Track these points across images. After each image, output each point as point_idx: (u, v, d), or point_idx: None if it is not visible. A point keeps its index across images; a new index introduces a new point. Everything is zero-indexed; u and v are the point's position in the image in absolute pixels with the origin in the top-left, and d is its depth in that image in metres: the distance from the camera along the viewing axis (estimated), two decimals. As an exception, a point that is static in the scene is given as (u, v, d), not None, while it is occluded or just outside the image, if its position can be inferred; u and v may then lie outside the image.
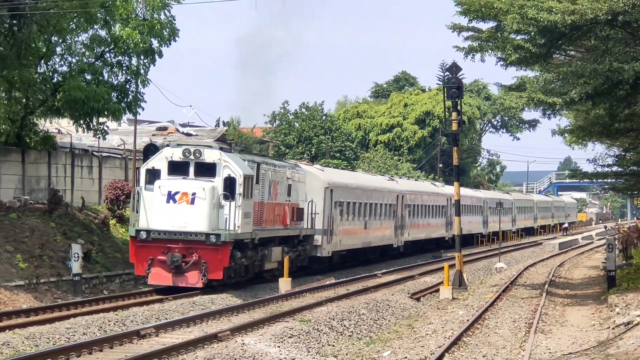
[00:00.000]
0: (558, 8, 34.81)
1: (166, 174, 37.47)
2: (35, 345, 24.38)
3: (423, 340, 28.58)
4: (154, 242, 36.65)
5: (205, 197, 36.72)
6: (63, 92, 42.71)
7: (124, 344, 24.83)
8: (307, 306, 34.03)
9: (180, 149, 38.03)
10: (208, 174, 37.64)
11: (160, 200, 36.71)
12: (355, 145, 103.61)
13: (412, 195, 69.53)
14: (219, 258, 36.58)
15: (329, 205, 50.59)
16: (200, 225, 36.61)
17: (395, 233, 65.02)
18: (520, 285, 49.10)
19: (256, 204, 39.88)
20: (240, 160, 38.31)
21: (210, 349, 24.20)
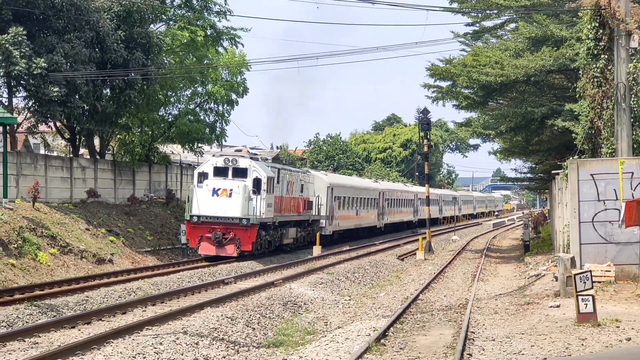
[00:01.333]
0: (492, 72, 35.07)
1: (212, 175, 36.92)
2: (157, 289, 24.15)
3: (406, 285, 28.96)
4: (203, 224, 35.83)
5: (239, 192, 35.79)
6: (175, 127, 43.80)
7: (214, 288, 25.30)
8: (331, 264, 34.63)
9: (222, 158, 37.41)
10: (242, 176, 36.75)
11: (207, 194, 36.01)
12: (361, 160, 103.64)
13: (389, 192, 68.48)
14: (249, 235, 35.79)
15: (330, 199, 50.19)
16: (236, 212, 35.73)
17: (378, 218, 64.26)
18: (468, 250, 48.94)
19: (277, 197, 39.38)
20: (265, 166, 38.11)
21: (270, 291, 24.76)
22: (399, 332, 19.49)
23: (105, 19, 38.60)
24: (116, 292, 24.75)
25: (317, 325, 21.77)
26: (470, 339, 17.86)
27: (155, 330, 18.44)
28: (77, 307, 21.84)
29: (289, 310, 24.07)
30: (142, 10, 40.58)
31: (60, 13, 37.41)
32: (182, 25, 46.83)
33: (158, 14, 44.97)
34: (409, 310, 23.21)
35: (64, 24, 37.75)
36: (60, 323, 18.67)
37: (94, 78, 38.41)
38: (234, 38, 50.77)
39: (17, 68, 35.18)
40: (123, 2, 40.02)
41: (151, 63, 40.95)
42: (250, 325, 20.62)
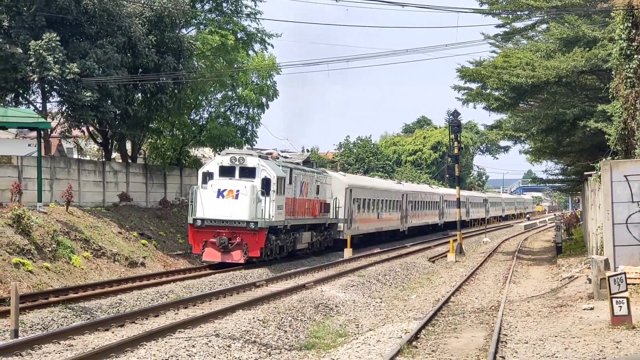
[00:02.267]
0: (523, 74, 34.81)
1: (217, 175, 34.38)
2: (189, 292, 24.21)
3: (437, 288, 28.86)
4: (207, 228, 33.27)
5: (247, 194, 33.21)
6: (206, 131, 43.88)
7: (246, 291, 25.34)
8: (362, 266, 34.64)
9: (229, 157, 34.70)
10: (249, 176, 34.19)
11: (212, 196, 33.41)
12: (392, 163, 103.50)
13: (413, 194, 65.56)
14: (257, 240, 33.27)
15: (349, 201, 47.10)
16: (242, 215, 33.14)
17: (401, 221, 60.94)
18: (499, 252, 48.72)
19: (288, 199, 36.79)
20: (275, 166, 35.45)
21: (301, 293, 24.75)
22: (430, 334, 19.42)
23: (136, 24, 38.85)
24: (149, 295, 24.88)
25: (348, 328, 21.75)
26: (503, 342, 17.76)
27: (188, 333, 18.52)
28: (111, 310, 21.98)
29: (320, 312, 24.06)
30: (173, 15, 40.81)
31: (93, 19, 37.71)
32: (213, 29, 47.03)
33: (189, 18, 45.19)
34: (440, 313, 23.13)
35: (97, 29, 38.04)
36: (94, 325, 18.80)
37: (126, 83, 38.67)
38: (265, 41, 50.93)
39: (50, 73, 35.52)
40: (154, 7, 40.27)
41: (182, 67, 41.15)
42: (282, 328, 20.64)
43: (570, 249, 45.65)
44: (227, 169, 34.49)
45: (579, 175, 48.75)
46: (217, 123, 48.35)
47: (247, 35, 49.87)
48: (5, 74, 36.31)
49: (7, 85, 37.35)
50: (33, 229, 28.81)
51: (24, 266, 26.38)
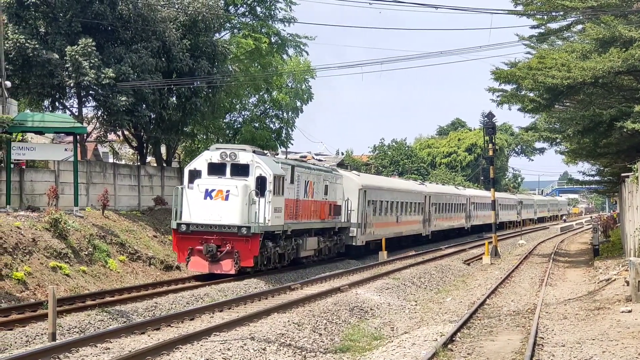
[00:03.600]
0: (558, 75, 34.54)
1: (206, 173, 30.54)
2: (224, 295, 24.37)
3: (472, 290, 28.79)
4: (193, 233, 29.61)
5: (238, 194, 29.50)
6: (241, 134, 43.84)
7: (281, 294, 25.53)
8: (396, 269, 34.32)
9: (218, 152, 30.73)
10: (242, 174, 30.35)
11: (198, 197, 29.79)
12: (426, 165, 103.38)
13: (437, 195, 60.79)
14: (250, 248, 29.47)
15: (363, 203, 42.97)
16: (233, 219, 29.46)
17: (424, 225, 56.55)
18: (535, 255, 48.45)
19: (289, 200, 33.09)
20: (272, 162, 31.70)
21: (336, 297, 24.76)
22: (466, 337, 19.35)
23: (171, 28, 39.15)
24: (184, 298, 25.02)
25: (383, 331, 21.73)
26: (539, 345, 17.65)
27: (223, 336, 18.59)
28: (146, 313, 22.14)
29: (355, 315, 24.07)
30: (207, 19, 41.07)
31: (128, 24, 38.07)
32: (247, 33, 47.26)
33: (222, 22, 45.46)
34: (476, 315, 23.04)
35: (132, 34, 38.39)
36: (130, 329, 18.94)
37: (161, 87, 38.98)
38: (299, 45, 51.08)
39: (86, 78, 35.90)
40: (188, 11, 40.56)
41: (216, 71, 41.40)
42: (317, 331, 20.66)
43: (607, 251, 45.25)
44: (216, 166, 30.63)
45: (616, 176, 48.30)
46: (252, 126, 48.54)
47: (280, 39, 50.06)
48: (42, 79, 36.77)
49: (44, 91, 37.81)
50: (70, 233, 29.13)
51: (61, 270, 26.67)
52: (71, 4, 36.93)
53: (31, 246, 26.53)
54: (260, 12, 49.22)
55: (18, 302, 22.63)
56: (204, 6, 40.95)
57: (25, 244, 26.37)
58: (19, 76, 36.99)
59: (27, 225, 27.76)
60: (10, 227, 26.65)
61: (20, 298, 23.71)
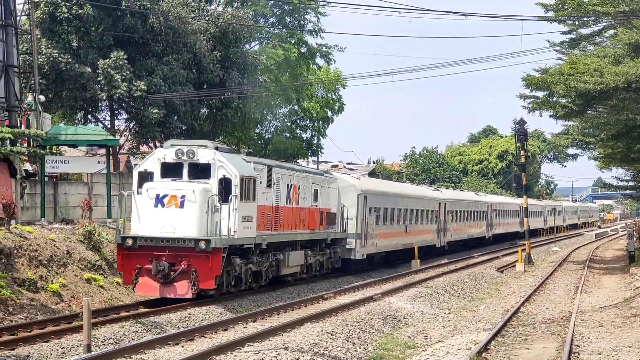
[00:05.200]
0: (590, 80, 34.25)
1: (159, 175, 25.59)
2: (257, 306, 24.40)
3: (506, 298, 28.64)
4: (141, 249, 24.58)
5: (195, 200, 24.50)
6: (272, 144, 43.60)
7: (314, 303, 25.54)
8: (429, 277, 34.12)
9: (173, 150, 25.55)
10: (202, 176, 25.39)
11: (148, 205, 24.78)
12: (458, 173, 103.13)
13: (453, 202, 55.37)
14: (210, 266, 24.42)
15: (363, 211, 37.70)
16: (189, 231, 24.53)
17: (438, 235, 51.16)
18: (570, 262, 48.15)
19: (265, 207, 28.07)
20: (240, 161, 26.59)
21: (369, 305, 24.73)
22: (500, 345, 19.22)
23: (201, 40, 39.41)
24: (217, 309, 25.09)
25: (417, 339, 21.65)
26: (575, 353, 17.51)
27: (257, 346, 18.60)
28: (180, 324, 22.23)
29: (388, 324, 24.01)
30: (237, 30, 41.29)
31: (159, 37, 38.37)
32: (276, 44, 47.44)
33: (252, 33, 45.69)
34: (510, 323, 22.90)
35: (163, 47, 38.70)
36: (164, 340, 19.01)
37: (192, 98, 39.22)
38: (328, 55, 51.19)
39: (118, 91, 36.23)
40: (218, 23, 40.80)
41: (247, 82, 41.59)
42: (350, 340, 20.63)
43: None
44: (171, 166, 25.59)
45: (652, 182, 47.89)
46: (283, 136, 48.67)
47: (309, 49, 50.19)
48: (75, 93, 37.17)
49: (76, 104, 38.20)
50: (103, 245, 29.29)
51: (96, 282, 26.85)
52: (103, 18, 37.32)
53: (66, 258, 26.74)
54: (290, 22, 49.41)
55: (53, 314, 22.80)
56: (234, 18, 41.18)
57: (60, 256, 26.59)
58: (52, 90, 37.42)
59: (61, 237, 27.99)
60: (45, 239, 26.90)
61: (55, 310, 23.45)
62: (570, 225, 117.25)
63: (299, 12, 49.04)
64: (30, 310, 23.18)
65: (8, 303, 22.86)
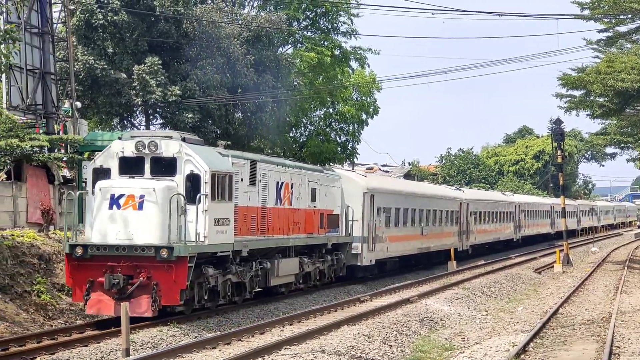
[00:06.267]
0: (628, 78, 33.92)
1: (117, 172, 22.08)
2: (294, 309, 24.49)
3: (544, 299, 28.46)
4: (93, 260, 21.12)
5: (157, 200, 21.03)
6: (307, 148, 43.62)
7: (350, 306, 25.63)
8: (466, 279, 34.07)
9: (133, 142, 22.02)
10: (167, 172, 21.90)
11: (101, 207, 21.34)
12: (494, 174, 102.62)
13: (476, 202, 51.82)
14: (174, 278, 20.88)
15: (370, 212, 34.09)
16: (150, 237, 21.06)
17: (460, 238, 47.57)
18: (609, 262, 47.75)
19: (248, 209, 24.60)
20: (212, 155, 22.99)
21: (405, 308, 24.75)
22: (539, 347, 19.07)
23: (235, 44, 39.57)
24: (254, 312, 25.15)
25: (454, 341, 21.57)
26: (616, 354, 17.34)
27: (293, 349, 18.64)
28: (217, 328, 22.33)
29: (425, 326, 23.94)
30: (270, 34, 41.42)
31: (193, 41, 38.61)
32: (309, 47, 47.51)
33: (285, 36, 45.79)
34: (548, 325, 22.73)
35: (196, 51, 38.93)
36: (201, 344, 19.09)
37: (226, 103, 39.40)
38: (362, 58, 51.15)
39: (153, 96, 36.51)
40: (252, 27, 40.96)
41: (281, 85, 41.70)
42: (387, 343, 20.60)
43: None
44: (131, 161, 22.15)
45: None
46: (318, 140, 48.72)
47: (343, 52, 50.20)
48: (110, 99, 37.53)
49: (112, 110, 38.56)
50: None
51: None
52: (137, 24, 37.63)
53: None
54: (323, 25, 49.45)
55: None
56: (267, 21, 41.32)
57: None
58: (89, 96, 37.81)
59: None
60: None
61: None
62: (607, 226, 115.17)
63: (332, 15, 49.09)
64: (69, 315, 23.45)
65: (48, 308, 23.16)
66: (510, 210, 60.50)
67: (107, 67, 36.84)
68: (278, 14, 43.37)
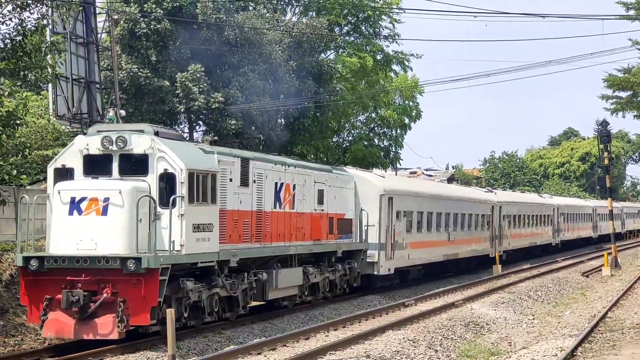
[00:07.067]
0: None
1: (82, 172, 19.37)
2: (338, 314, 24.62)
3: (592, 303, 28.06)
4: (51, 273, 18.28)
5: (123, 204, 18.27)
6: (350, 153, 43.66)
7: (395, 311, 25.69)
8: (511, 283, 33.48)
9: (99, 138, 19.32)
10: (138, 171, 19.23)
11: (61, 212, 18.50)
12: (539, 177, 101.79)
13: (510, 206, 48.88)
14: (143, 294, 18.06)
15: (387, 216, 31.31)
16: (115, 246, 18.25)
17: (492, 243, 44.45)
18: (660, 265, 46.49)
19: (239, 212, 21.89)
20: (191, 151, 20.43)
21: (450, 312, 24.63)
22: (587, 351, 18.84)
23: (277, 51, 39.69)
24: (298, 318, 25.16)
25: (500, 346, 21.37)
26: (666, 358, 17.05)
27: (339, 354, 18.58)
28: (262, 334, 22.36)
29: (471, 330, 23.77)
30: (311, 39, 41.49)
31: (235, 48, 38.79)
32: (351, 52, 47.52)
33: (327, 42, 45.84)
34: (597, 329, 22.44)
35: (239, 58, 39.10)
36: (247, 350, 19.12)
37: (269, 109, 39.53)
38: (404, 62, 51.04)
39: (196, 104, 36.75)
40: (293, 33, 41.06)
41: (323, 91, 41.75)
42: (433, 347, 20.47)
43: None
44: (97, 159, 19.45)
45: None
46: (361, 145, 48.73)
47: (385, 57, 50.13)
48: (154, 106, 37.84)
49: (156, 117, 38.85)
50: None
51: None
52: (180, 32, 37.91)
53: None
54: (365, 30, 49.43)
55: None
56: (308, 27, 41.40)
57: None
58: (133, 104, 38.15)
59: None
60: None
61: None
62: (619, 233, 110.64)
63: (374, 20, 49.04)
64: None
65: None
66: (548, 214, 57.68)
67: (151, 75, 37.15)
68: (319, 19, 43.45)
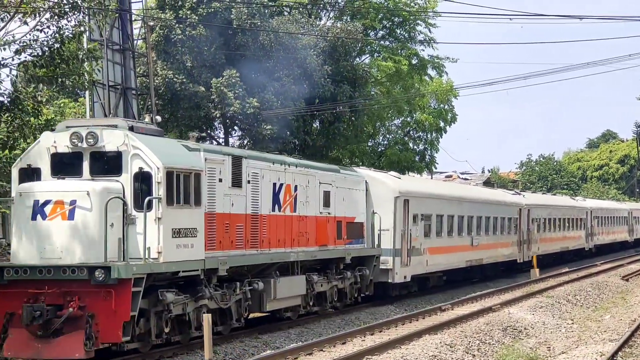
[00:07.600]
0: None
1: (49, 173, 17.21)
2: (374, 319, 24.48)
3: (632, 307, 27.84)
4: (12, 286, 16.08)
5: (92, 207, 16.14)
6: (385, 157, 43.66)
7: (431, 315, 25.34)
8: (550, 287, 33.35)
9: (67, 134, 17.16)
10: (110, 170, 17.07)
11: (23, 217, 16.40)
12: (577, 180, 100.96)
13: (540, 209, 46.48)
14: (113, 308, 15.75)
15: (402, 219, 29.27)
16: (83, 254, 16.09)
17: (520, 248, 42.48)
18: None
19: (230, 216, 19.80)
20: (172, 147, 18.35)
21: (488, 316, 24.45)
22: (628, 356, 18.61)
23: (312, 55, 39.73)
24: (334, 322, 25.10)
25: (539, 351, 21.15)
26: None
27: (375, 359, 18.53)
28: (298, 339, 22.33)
29: (508, 335, 23.55)
30: (346, 44, 41.47)
31: (270, 53, 38.88)
32: (386, 56, 47.43)
33: (362, 46, 45.81)
34: (638, 333, 22.15)
35: (273, 63, 39.19)
36: (283, 354, 19.09)
37: (304, 113, 39.56)
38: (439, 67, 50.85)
39: (231, 109, 36.86)
40: (328, 38, 41.06)
41: (358, 95, 41.72)
42: (470, 352, 20.31)
43: None
44: (66, 158, 17.36)
45: None
46: (396, 149, 48.62)
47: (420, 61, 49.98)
48: (189, 112, 38.03)
49: (191, 123, 39.07)
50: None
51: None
52: (215, 37, 38.07)
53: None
54: (400, 34, 49.32)
55: None
56: (343, 31, 41.40)
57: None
58: (168, 110, 38.39)
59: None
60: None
61: None
62: None
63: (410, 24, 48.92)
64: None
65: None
66: (581, 217, 55.31)
67: (186, 80, 37.34)
68: (354, 24, 43.44)
